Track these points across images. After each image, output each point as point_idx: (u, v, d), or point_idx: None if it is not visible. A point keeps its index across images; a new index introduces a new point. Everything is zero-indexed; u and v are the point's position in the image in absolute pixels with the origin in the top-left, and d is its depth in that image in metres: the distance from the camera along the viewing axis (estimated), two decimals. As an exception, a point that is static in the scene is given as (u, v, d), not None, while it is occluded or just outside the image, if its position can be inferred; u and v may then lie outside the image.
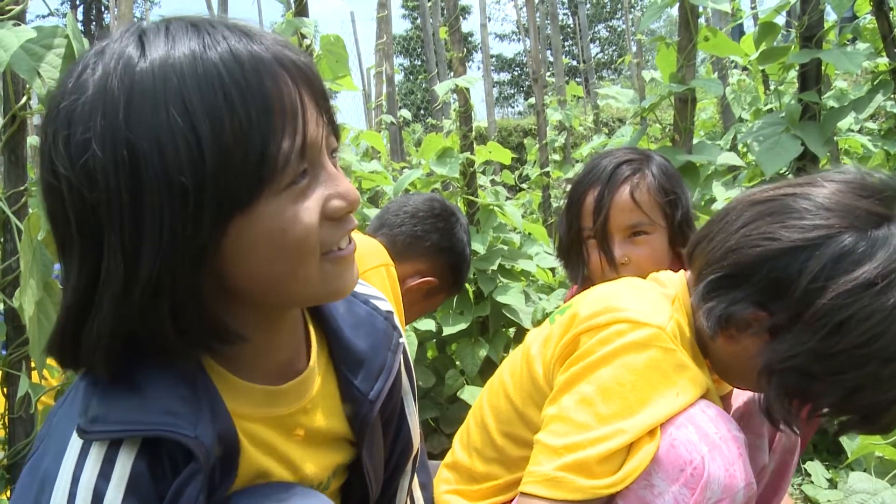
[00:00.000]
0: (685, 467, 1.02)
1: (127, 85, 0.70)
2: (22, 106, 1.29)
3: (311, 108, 0.77)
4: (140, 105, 0.70)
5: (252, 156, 0.72)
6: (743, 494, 1.03)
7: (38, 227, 1.18)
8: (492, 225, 2.94)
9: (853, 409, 1.07)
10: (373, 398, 0.98)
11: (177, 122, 0.69)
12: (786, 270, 1.02)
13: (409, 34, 23.21)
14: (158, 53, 0.72)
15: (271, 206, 0.75)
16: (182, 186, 0.70)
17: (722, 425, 1.05)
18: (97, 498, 0.74)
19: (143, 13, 14.75)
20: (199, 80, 0.71)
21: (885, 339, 0.98)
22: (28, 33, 1.11)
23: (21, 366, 1.29)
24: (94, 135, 0.70)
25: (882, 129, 3.44)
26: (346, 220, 0.83)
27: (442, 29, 3.41)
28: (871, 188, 1.05)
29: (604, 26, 30.46)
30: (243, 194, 0.73)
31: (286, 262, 0.78)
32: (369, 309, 1.02)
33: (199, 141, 0.70)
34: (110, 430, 0.76)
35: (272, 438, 0.90)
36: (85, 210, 0.71)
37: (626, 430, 1.03)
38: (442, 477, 1.34)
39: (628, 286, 1.20)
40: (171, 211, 0.70)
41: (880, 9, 2.23)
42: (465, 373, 2.77)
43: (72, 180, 0.71)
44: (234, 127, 0.71)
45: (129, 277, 0.71)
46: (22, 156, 1.32)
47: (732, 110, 4.50)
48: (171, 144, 0.69)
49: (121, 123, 0.69)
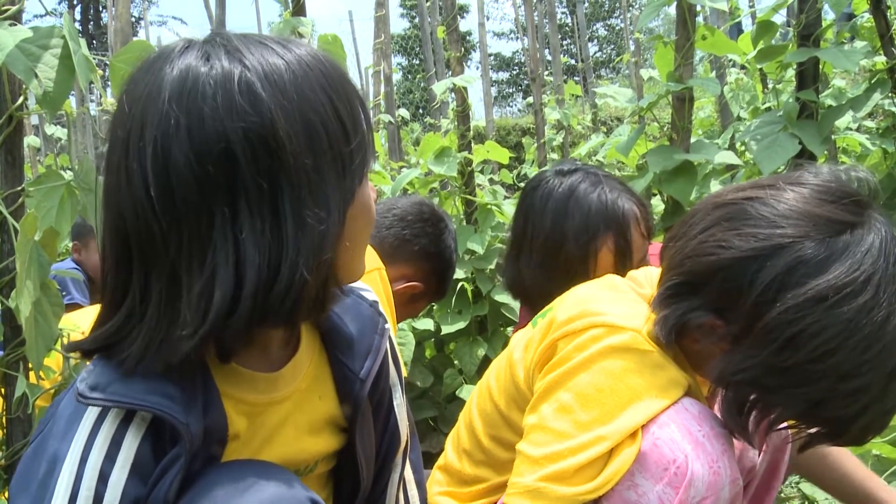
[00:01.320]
0: (668, 466, 1.01)
1: (282, 68, 0.80)
2: (18, 106, 1.28)
3: None
4: (299, 82, 0.80)
5: (362, 138, 0.85)
6: (728, 491, 1.03)
7: (34, 228, 1.18)
8: (490, 224, 2.94)
9: (816, 422, 1.03)
10: (363, 377, 1.02)
11: (323, 102, 0.81)
12: (737, 281, 0.99)
13: (407, 33, 23.19)
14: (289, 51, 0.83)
15: (364, 182, 0.89)
16: (336, 147, 0.82)
17: (705, 422, 1.05)
18: (102, 479, 0.78)
19: (140, 13, 14.74)
20: (322, 75, 0.82)
21: (840, 355, 0.94)
22: (24, 33, 1.10)
23: (19, 366, 1.29)
24: (273, 90, 0.78)
25: (880, 128, 3.44)
26: None
27: (440, 28, 3.41)
28: (839, 192, 1.00)
29: (602, 25, 30.47)
30: (364, 166, 0.86)
31: (368, 231, 0.92)
32: (355, 298, 1.08)
33: (339, 117, 0.82)
34: (108, 399, 0.80)
35: (274, 422, 0.95)
36: (260, 168, 0.77)
37: (607, 437, 1.03)
38: (434, 478, 1.35)
39: (605, 288, 1.20)
40: (336, 169, 0.82)
41: (878, 7, 2.23)
42: (464, 372, 2.78)
43: (250, 135, 0.76)
44: (350, 114, 0.84)
45: (322, 236, 0.80)
46: (19, 156, 1.32)
47: (731, 109, 4.50)
48: (324, 116, 0.81)
49: (291, 91, 0.79)
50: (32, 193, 1.29)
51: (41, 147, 7.69)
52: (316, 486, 1.04)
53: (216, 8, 4.76)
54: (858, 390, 0.96)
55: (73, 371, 1.36)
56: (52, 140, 7.44)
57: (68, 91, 1.18)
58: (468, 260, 2.89)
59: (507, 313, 2.85)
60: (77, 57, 1.15)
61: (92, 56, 1.26)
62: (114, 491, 0.79)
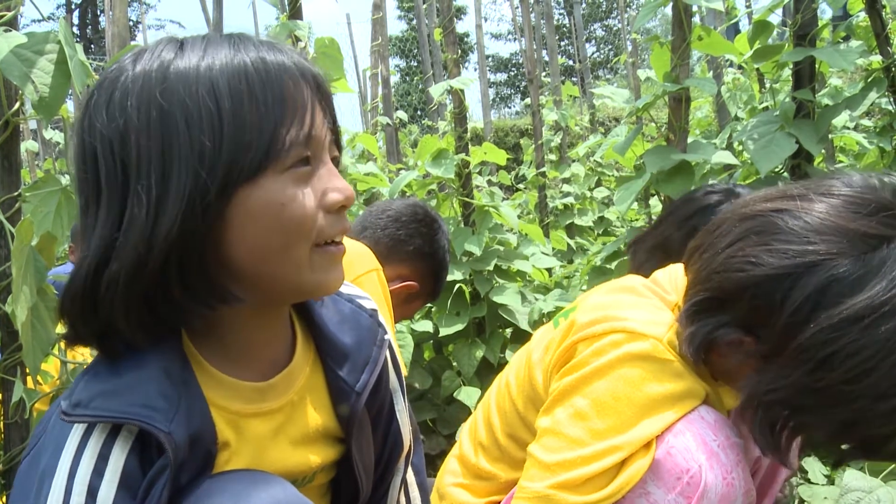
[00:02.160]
0: (682, 476, 1.00)
1: (164, 70, 0.82)
2: (15, 112, 1.29)
3: (319, 112, 0.88)
4: (174, 84, 0.81)
5: (263, 134, 0.82)
6: (742, 502, 1.02)
7: (30, 233, 1.18)
8: (487, 226, 2.94)
9: (851, 440, 0.99)
10: (359, 389, 1.01)
11: (203, 97, 0.81)
12: (768, 299, 0.95)
13: (405, 35, 23.18)
14: (195, 53, 0.84)
15: (276, 182, 0.83)
16: (201, 147, 0.80)
17: (720, 432, 1.03)
18: (91, 494, 0.79)
19: (138, 16, 14.74)
20: (229, 70, 0.83)
21: (876, 376, 0.90)
22: (19, 39, 1.11)
23: (16, 371, 1.29)
24: (132, 100, 0.81)
25: (877, 126, 3.44)
26: (341, 216, 0.89)
27: (436, 30, 3.41)
28: (873, 204, 0.94)
29: (600, 25, 30.48)
30: (251, 165, 0.82)
31: (282, 237, 0.85)
32: (354, 307, 1.07)
33: (220, 113, 0.81)
34: (89, 415, 0.80)
35: (263, 433, 0.94)
36: (115, 165, 0.82)
37: (621, 447, 1.01)
38: (449, 468, 1.34)
39: (630, 292, 1.18)
40: (191, 169, 0.80)
41: (873, 7, 2.23)
42: (462, 374, 2.77)
43: (106, 137, 0.82)
44: (252, 108, 0.82)
45: (151, 226, 0.80)
46: (15, 161, 1.32)
47: (728, 109, 4.50)
48: (196, 113, 0.80)
49: (155, 94, 0.81)
50: (29, 198, 1.29)
51: (39, 151, 7.69)
52: (315, 496, 1.04)
53: (213, 12, 4.77)
54: (895, 410, 0.92)
55: (70, 375, 1.36)
56: (51, 144, 7.44)
57: (64, 96, 1.18)
58: (466, 261, 2.89)
59: (505, 315, 2.85)
60: (73, 62, 1.16)
61: (90, 60, 1.26)
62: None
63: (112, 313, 0.82)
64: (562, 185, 6.11)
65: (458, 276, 2.82)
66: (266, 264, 0.86)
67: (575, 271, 4.13)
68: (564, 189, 6.00)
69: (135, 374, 0.84)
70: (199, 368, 0.89)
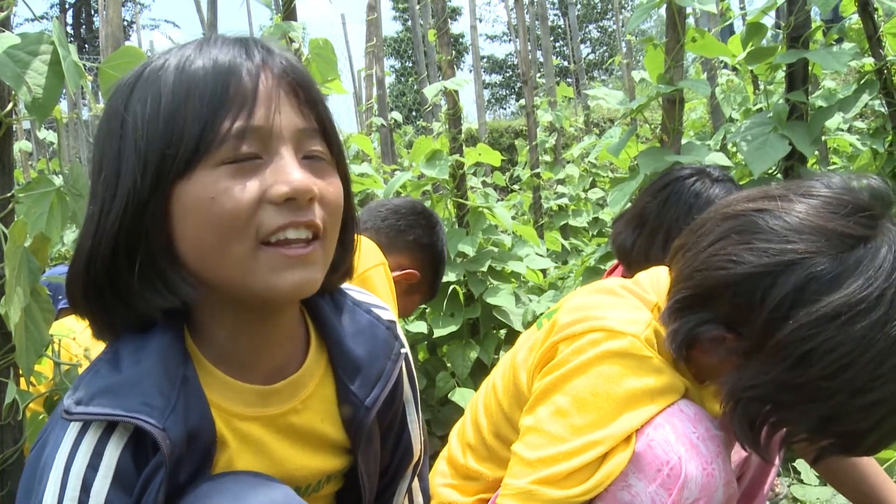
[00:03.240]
0: (662, 468, 1.02)
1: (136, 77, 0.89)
2: (7, 112, 1.28)
3: (276, 105, 0.85)
4: (137, 91, 0.87)
5: (194, 127, 0.83)
6: (722, 493, 1.03)
7: (24, 235, 1.18)
8: (482, 227, 2.95)
9: (829, 435, 1.02)
10: (369, 405, 1.00)
11: (149, 101, 0.85)
12: (749, 296, 0.97)
13: (399, 36, 23.17)
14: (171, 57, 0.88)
15: (208, 176, 0.83)
16: (138, 148, 0.84)
17: (700, 424, 1.05)
18: (85, 488, 0.81)
19: (132, 16, 14.70)
20: (180, 72, 0.86)
21: (852, 371, 0.93)
22: (12, 39, 1.10)
23: (9, 373, 1.29)
24: (106, 113, 0.90)
25: (870, 128, 3.46)
26: (296, 207, 0.84)
27: (430, 31, 3.41)
28: (851, 205, 0.98)
29: (594, 26, 30.52)
30: (182, 159, 0.83)
31: (215, 233, 0.83)
32: (371, 319, 1.05)
33: (159, 113, 0.84)
34: (88, 414, 0.83)
35: (264, 437, 0.93)
36: (93, 168, 0.90)
37: (601, 441, 1.03)
38: (438, 469, 1.36)
39: (609, 293, 1.20)
40: (131, 169, 0.84)
41: (865, 10, 2.24)
42: (456, 375, 2.77)
43: (94, 142, 0.92)
44: (187, 105, 0.84)
45: (99, 222, 0.87)
46: (9, 162, 1.31)
47: (722, 110, 4.51)
48: (141, 117, 0.85)
49: (119, 103, 0.88)
50: (23, 199, 1.28)
51: (33, 151, 7.67)
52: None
53: (208, 12, 4.76)
54: (873, 404, 0.95)
55: (64, 376, 1.36)
56: (45, 144, 7.43)
57: (57, 97, 1.18)
58: (460, 262, 2.89)
59: (499, 316, 2.85)
60: (66, 63, 1.15)
61: (84, 61, 1.26)
62: (96, 499, 0.81)
63: (84, 301, 0.89)
64: (556, 187, 6.12)
65: (452, 278, 2.82)
66: (208, 262, 0.85)
67: (569, 272, 4.13)
68: (559, 190, 6.01)
69: (134, 371, 0.85)
70: (200, 367, 0.90)
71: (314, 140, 0.88)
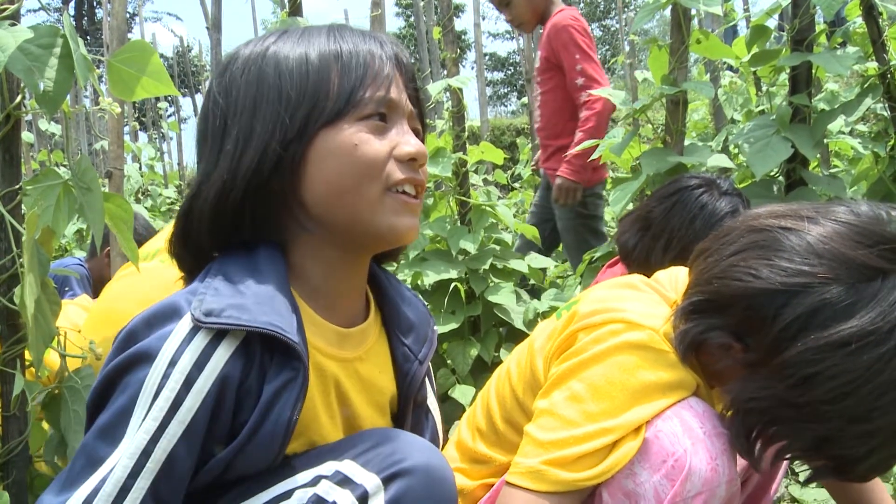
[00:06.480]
0: (667, 459, 1.04)
1: (266, 47, 1.01)
2: (16, 105, 1.29)
3: (399, 86, 1.03)
4: (273, 55, 1.00)
5: (344, 88, 0.98)
6: (724, 490, 1.05)
7: (34, 227, 1.19)
8: (483, 224, 2.95)
9: (823, 457, 1.04)
10: (422, 358, 1.12)
11: (296, 60, 0.98)
12: (761, 311, 0.99)
13: (403, 32, 23.15)
14: (294, 37, 1.02)
15: (352, 127, 0.97)
16: (289, 97, 0.97)
17: (708, 421, 1.07)
18: (187, 384, 0.86)
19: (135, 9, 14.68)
20: (322, 46, 1.00)
21: (852, 400, 0.95)
22: (25, 34, 1.11)
23: (16, 363, 1.30)
24: (238, 65, 1.01)
25: (872, 132, 3.46)
26: (412, 168, 1.01)
27: (435, 29, 3.41)
28: (876, 236, 0.98)
29: (597, 26, 30.47)
30: (331, 111, 0.97)
31: (355, 174, 0.97)
32: (412, 294, 1.20)
33: (308, 72, 0.98)
34: (223, 323, 0.89)
35: (340, 377, 1.03)
36: (218, 115, 1.00)
37: (612, 429, 1.06)
38: (447, 454, 1.37)
39: (630, 288, 1.23)
40: (277, 115, 0.96)
41: (869, 14, 2.25)
42: (457, 372, 2.79)
43: (215, 94, 1.01)
44: (336, 71, 0.98)
45: (238, 158, 0.96)
46: (16, 154, 1.32)
47: (724, 112, 4.52)
48: (287, 71, 0.98)
49: (257, 59, 1.00)
50: (30, 192, 1.29)
51: (34, 143, 7.67)
52: None
53: (212, 5, 4.75)
54: (868, 434, 0.97)
55: (68, 369, 1.37)
56: (46, 136, 7.42)
57: (68, 90, 1.18)
58: (462, 260, 2.90)
59: (500, 314, 2.85)
60: (76, 56, 1.16)
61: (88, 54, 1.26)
62: (195, 398, 0.86)
63: (199, 234, 0.98)
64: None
65: (453, 275, 2.82)
66: (341, 200, 0.98)
67: (569, 271, 4.14)
68: (560, 189, 5.99)
69: (259, 290, 0.93)
70: (298, 299, 0.99)
71: (415, 121, 1.06)
